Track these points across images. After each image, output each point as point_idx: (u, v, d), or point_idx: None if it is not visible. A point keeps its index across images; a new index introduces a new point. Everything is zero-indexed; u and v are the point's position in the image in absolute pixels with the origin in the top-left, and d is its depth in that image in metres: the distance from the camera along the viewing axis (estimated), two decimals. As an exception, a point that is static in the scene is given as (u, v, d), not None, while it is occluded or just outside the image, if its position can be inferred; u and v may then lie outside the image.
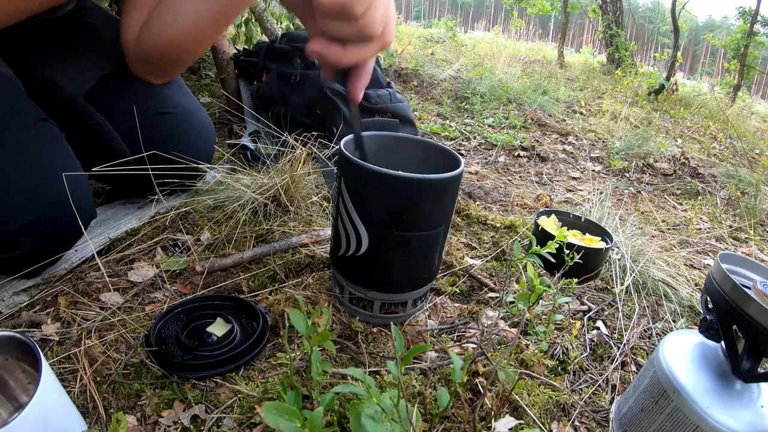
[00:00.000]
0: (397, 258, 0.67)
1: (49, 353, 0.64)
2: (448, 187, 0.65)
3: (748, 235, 1.59)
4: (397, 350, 0.45)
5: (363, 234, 0.66)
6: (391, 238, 0.65)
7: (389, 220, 0.64)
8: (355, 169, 0.62)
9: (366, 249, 0.67)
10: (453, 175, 0.63)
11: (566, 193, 1.71)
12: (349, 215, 0.66)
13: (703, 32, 40.25)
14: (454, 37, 6.88)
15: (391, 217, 0.63)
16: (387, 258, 0.67)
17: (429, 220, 0.65)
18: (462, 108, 2.73)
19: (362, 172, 0.62)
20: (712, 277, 0.51)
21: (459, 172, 0.65)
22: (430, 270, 0.73)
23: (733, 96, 5.71)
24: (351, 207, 0.65)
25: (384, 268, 0.68)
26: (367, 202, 0.64)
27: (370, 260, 0.67)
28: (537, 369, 0.70)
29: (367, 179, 0.62)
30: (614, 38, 6.42)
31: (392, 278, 0.70)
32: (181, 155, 0.92)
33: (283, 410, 0.39)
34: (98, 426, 0.56)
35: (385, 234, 0.65)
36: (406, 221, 0.64)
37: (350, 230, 0.67)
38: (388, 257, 0.67)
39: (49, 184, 0.72)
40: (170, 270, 0.84)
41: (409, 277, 0.71)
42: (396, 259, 0.67)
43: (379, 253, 0.66)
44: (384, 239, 0.65)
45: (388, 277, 0.69)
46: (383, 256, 0.67)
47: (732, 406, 0.49)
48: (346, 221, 0.67)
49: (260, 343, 0.67)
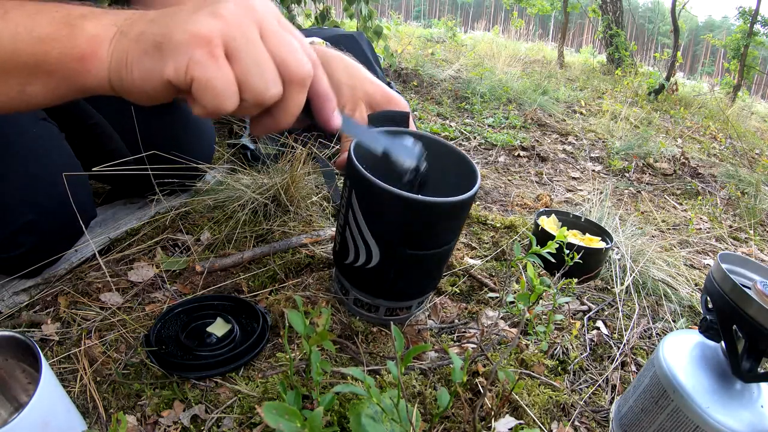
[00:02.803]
0: (409, 273, 0.66)
1: (49, 353, 0.64)
2: (467, 206, 0.62)
3: (748, 235, 1.59)
4: (397, 350, 0.45)
5: (374, 249, 0.63)
6: (404, 256, 0.63)
7: (404, 239, 0.61)
8: (369, 187, 0.57)
9: (377, 263, 0.64)
10: (471, 194, 0.59)
11: (566, 193, 1.71)
12: (359, 229, 0.63)
13: (703, 32, 40.26)
14: (454, 37, 6.88)
15: (407, 237, 0.61)
16: (398, 272, 0.65)
17: (444, 238, 0.64)
18: (462, 108, 2.73)
19: (377, 192, 0.56)
20: (712, 277, 0.51)
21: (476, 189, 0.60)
22: (439, 278, 0.74)
23: (733, 96, 5.71)
24: (362, 222, 0.62)
25: (394, 280, 0.66)
26: (382, 221, 0.61)
27: (380, 273, 0.65)
28: (537, 369, 0.70)
29: (381, 199, 0.57)
30: (614, 38, 6.42)
31: (402, 289, 0.69)
32: (181, 155, 0.92)
33: (283, 410, 0.39)
34: (98, 426, 0.56)
35: (398, 251, 0.62)
36: (421, 241, 0.62)
37: (360, 243, 0.64)
38: (400, 272, 0.65)
39: (49, 184, 0.72)
40: (170, 270, 0.84)
41: (418, 288, 0.71)
42: (407, 274, 0.66)
43: (390, 267, 0.65)
44: (397, 256, 0.63)
45: (398, 289, 0.69)
46: (394, 270, 0.65)
47: (732, 406, 0.49)
48: (356, 234, 0.64)
49: (260, 343, 0.67)
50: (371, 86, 0.68)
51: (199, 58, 0.35)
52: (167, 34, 0.36)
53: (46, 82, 0.42)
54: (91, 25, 0.40)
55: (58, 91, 0.43)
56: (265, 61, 0.38)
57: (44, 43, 0.40)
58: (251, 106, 0.39)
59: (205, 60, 0.35)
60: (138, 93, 0.40)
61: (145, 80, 0.38)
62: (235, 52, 0.37)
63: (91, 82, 0.41)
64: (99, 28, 0.40)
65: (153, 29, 0.38)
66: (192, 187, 1.06)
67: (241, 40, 0.37)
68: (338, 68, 0.67)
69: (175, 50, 0.36)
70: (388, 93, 0.69)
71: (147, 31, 0.38)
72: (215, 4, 0.37)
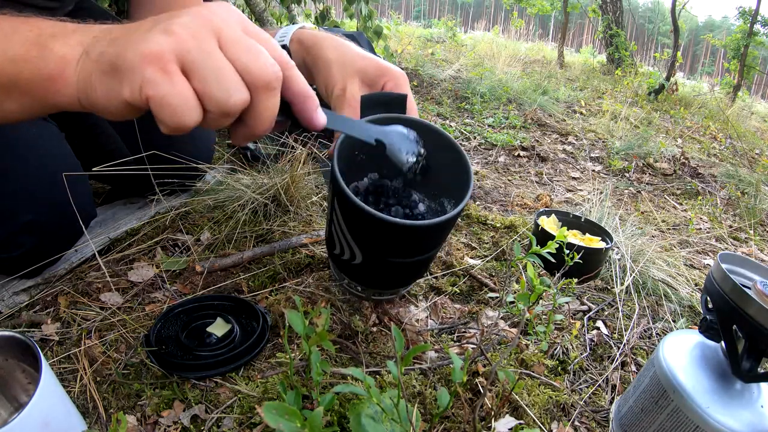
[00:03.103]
0: (392, 273, 0.66)
1: (49, 353, 0.64)
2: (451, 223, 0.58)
3: (748, 235, 1.59)
4: (397, 350, 0.45)
5: (357, 252, 0.62)
6: (385, 261, 0.62)
7: (384, 251, 0.60)
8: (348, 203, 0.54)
9: (360, 262, 0.63)
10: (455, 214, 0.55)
11: (566, 193, 1.71)
12: (342, 232, 0.61)
13: (703, 32, 40.25)
14: (454, 37, 6.89)
15: (387, 249, 0.60)
16: (381, 272, 0.65)
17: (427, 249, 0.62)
18: (462, 108, 2.73)
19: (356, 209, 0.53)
20: (712, 277, 0.51)
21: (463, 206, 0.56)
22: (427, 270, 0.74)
23: (733, 96, 5.71)
24: (345, 228, 0.59)
25: (378, 277, 0.67)
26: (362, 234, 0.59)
27: (365, 269, 0.65)
28: (537, 369, 0.70)
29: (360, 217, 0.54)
30: (614, 38, 6.42)
31: (387, 283, 0.69)
32: (180, 155, 0.92)
33: (283, 410, 0.39)
34: (98, 426, 0.56)
35: (380, 257, 0.61)
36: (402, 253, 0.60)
37: (344, 243, 0.62)
38: (383, 272, 0.65)
39: (49, 184, 0.72)
40: (170, 270, 0.84)
41: (404, 282, 0.71)
42: (391, 274, 0.66)
43: (373, 268, 0.64)
44: (379, 261, 0.62)
45: (383, 282, 0.69)
46: (377, 270, 0.65)
47: (732, 406, 0.49)
48: (340, 235, 0.62)
49: (260, 343, 0.67)
50: (363, 61, 0.65)
51: (150, 77, 0.35)
52: (122, 54, 0.37)
53: (20, 100, 0.43)
54: (60, 45, 0.41)
55: (33, 109, 0.44)
56: (223, 70, 0.37)
57: (17, 64, 0.41)
58: (218, 117, 0.38)
59: (158, 77, 0.35)
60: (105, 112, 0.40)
61: (109, 101, 0.39)
62: (190, 65, 0.36)
63: (62, 101, 0.42)
64: (66, 48, 0.40)
65: (111, 50, 0.38)
66: (192, 187, 1.06)
67: (196, 52, 0.36)
68: (328, 47, 0.66)
69: (128, 71, 0.36)
70: (382, 66, 0.65)
71: (106, 52, 0.38)
72: (170, 20, 0.37)
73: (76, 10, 0.93)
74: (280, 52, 0.41)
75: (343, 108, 0.62)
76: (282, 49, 0.42)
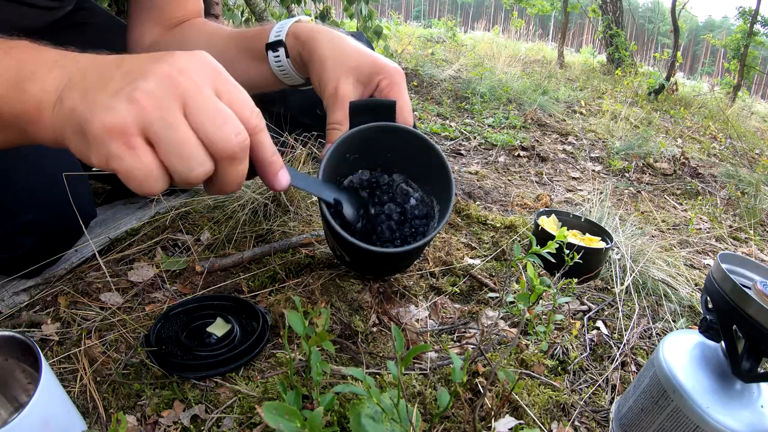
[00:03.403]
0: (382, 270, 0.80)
1: (49, 353, 0.64)
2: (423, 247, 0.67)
3: (748, 235, 1.59)
4: (397, 350, 0.45)
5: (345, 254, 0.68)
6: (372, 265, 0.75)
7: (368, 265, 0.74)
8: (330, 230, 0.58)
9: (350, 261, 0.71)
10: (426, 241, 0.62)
11: (566, 193, 1.71)
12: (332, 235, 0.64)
13: (703, 32, 40.25)
14: (454, 37, 6.89)
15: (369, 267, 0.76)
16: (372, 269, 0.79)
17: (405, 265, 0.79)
18: (462, 108, 2.73)
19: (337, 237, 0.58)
20: (712, 277, 0.51)
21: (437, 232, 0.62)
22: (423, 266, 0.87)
23: (733, 96, 5.71)
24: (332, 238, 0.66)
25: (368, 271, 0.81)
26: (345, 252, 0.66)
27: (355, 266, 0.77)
28: (537, 369, 0.70)
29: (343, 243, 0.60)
30: (614, 38, 6.42)
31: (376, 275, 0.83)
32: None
33: (283, 410, 0.39)
34: (98, 426, 0.56)
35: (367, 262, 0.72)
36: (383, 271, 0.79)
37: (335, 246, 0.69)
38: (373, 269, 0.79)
39: (49, 184, 0.72)
40: (170, 270, 0.84)
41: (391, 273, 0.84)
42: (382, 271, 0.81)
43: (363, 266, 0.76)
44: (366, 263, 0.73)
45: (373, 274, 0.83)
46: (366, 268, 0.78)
47: (732, 406, 0.49)
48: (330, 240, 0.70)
49: (260, 343, 0.67)
50: (359, 57, 0.63)
51: (115, 152, 0.36)
52: (89, 120, 0.36)
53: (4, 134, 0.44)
54: (37, 88, 0.41)
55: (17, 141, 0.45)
56: (186, 143, 0.37)
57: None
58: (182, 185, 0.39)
59: (122, 152, 0.36)
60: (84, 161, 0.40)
61: (82, 157, 0.39)
62: (154, 137, 0.36)
63: (43, 138, 0.42)
64: (42, 93, 0.40)
65: (81, 107, 0.37)
66: (192, 187, 1.06)
67: (159, 124, 0.36)
68: (323, 43, 0.64)
69: (94, 142, 0.36)
70: (378, 62, 0.64)
71: (77, 109, 0.38)
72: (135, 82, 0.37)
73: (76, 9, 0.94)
74: (249, 114, 0.41)
75: (335, 108, 0.62)
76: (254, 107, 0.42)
